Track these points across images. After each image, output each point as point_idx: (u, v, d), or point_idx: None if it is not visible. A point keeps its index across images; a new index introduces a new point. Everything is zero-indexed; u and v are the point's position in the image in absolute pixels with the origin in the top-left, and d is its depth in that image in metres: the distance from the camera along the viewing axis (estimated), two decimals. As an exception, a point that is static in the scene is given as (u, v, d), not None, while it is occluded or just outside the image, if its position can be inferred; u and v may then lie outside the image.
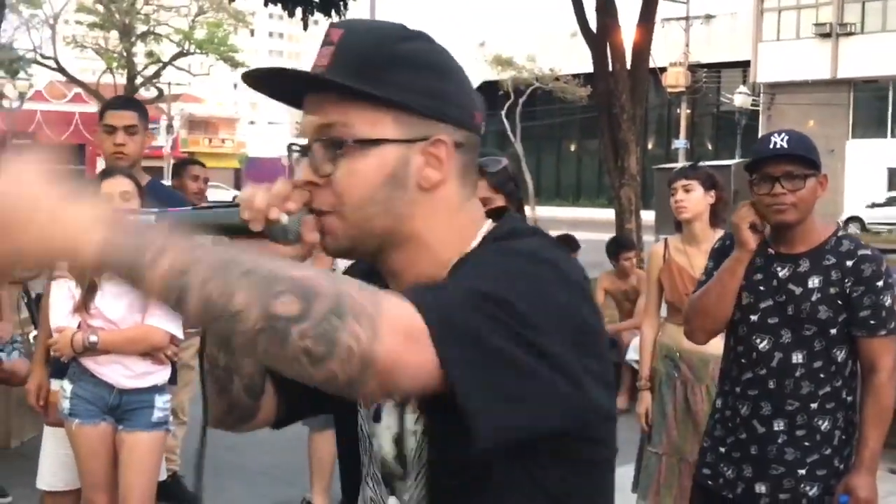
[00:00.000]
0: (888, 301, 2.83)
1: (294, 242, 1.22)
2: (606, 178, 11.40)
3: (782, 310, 2.87)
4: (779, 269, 2.90)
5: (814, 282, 2.85)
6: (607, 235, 8.39)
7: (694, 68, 39.55)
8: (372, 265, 1.28)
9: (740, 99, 36.68)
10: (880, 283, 2.82)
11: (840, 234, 2.93)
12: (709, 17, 41.91)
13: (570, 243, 7.78)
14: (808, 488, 2.86)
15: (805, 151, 2.83)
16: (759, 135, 37.55)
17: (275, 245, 1.21)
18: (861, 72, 35.41)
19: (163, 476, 3.84)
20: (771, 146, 2.83)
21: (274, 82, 1.25)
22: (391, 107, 1.18)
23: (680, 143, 38.40)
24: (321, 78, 1.19)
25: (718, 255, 3.09)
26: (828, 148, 36.41)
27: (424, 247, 1.22)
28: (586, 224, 28.30)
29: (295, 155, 1.25)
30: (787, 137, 2.85)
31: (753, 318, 2.92)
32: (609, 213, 10.28)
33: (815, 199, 2.86)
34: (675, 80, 38.34)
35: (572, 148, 49.05)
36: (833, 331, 2.84)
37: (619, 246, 7.21)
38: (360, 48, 1.19)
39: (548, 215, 39.11)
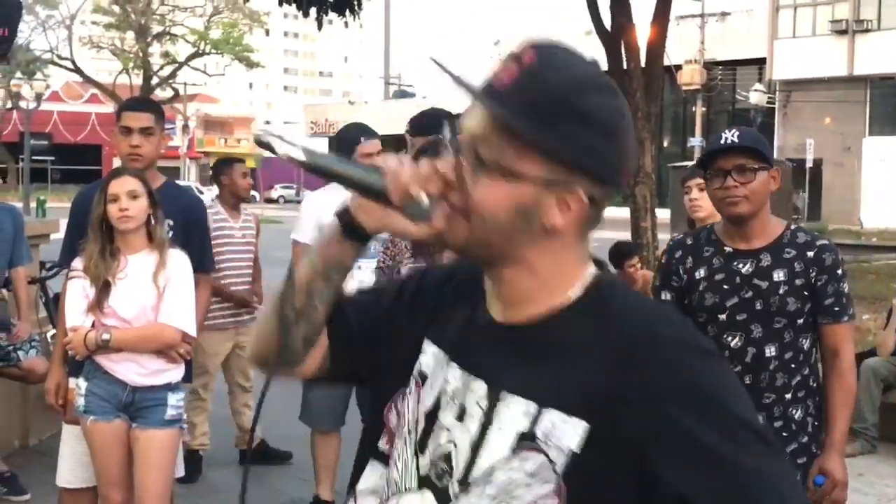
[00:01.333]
0: (846, 288, 2.95)
1: (423, 222, 1.26)
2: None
3: (750, 305, 2.92)
4: (740, 265, 2.95)
5: (779, 275, 2.90)
6: (623, 234, 8.37)
7: (709, 66, 39.40)
8: (471, 270, 1.35)
9: (756, 96, 36.52)
10: (839, 272, 2.93)
11: (793, 227, 3.01)
12: (724, 14, 41.74)
13: (629, 254, 7.48)
14: None
15: (755, 144, 2.91)
16: (776, 132, 37.44)
17: (400, 219, 1.26)
18: (878, 69, 35.18)
19: (180, 473, 3.86)
20: (722, 141, 2.92)
21: (448, 79, 1.28)
22: (546, 150, 1.21)
23: (695, 141, 38.27)
24: (493, 114, 1.21)
25: (665, 273, 3.14)
26: (844, 145, 36.24)
27: (531, 273, 1.27)
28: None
29: (449, 137, 1.30)
30: (737, 133, 2.95)
31: (721, 316, 2.95)
32: (624, 212, 10.25)
33: (768, 192, 2.93)
34: (691, 77, 38.20)
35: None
36: (800, 321, 2.92)
37: (621, 255, 7.18)
38: (544, 85, 1.20)
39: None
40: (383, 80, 62.44)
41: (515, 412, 1.22)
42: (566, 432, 1.18)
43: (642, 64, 10.43)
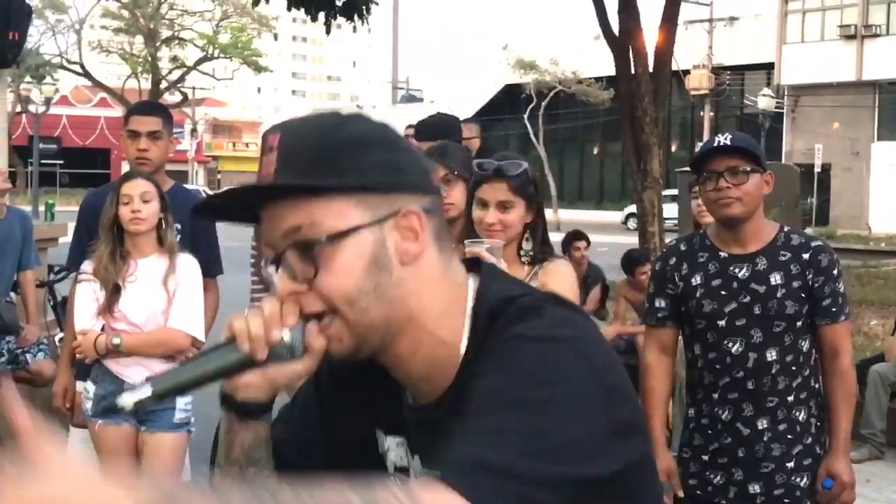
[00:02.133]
0: (842, 288, 2.95)
1: (301, 357, 1.19)
2: (629, 181, 11.37)
3: (749, 310, 2.92)
4: (736, 270, 2.95)
5: (776, 278, 2.90)
6: (630, 239, 8.37)
7: (717, 71, 39.38)
8: (363, 362, 1.23)
9: (764, 101, 36.44)
10: (835, 272, 2.93)
11: (786, 229, 3.01)
12: (732, 19, 41.69)
13: (579, 237, 7.93)
14: (798, 479, 2.93)
15: (747, 146, 2.92)
16: (784, 137, 37.39)
17: (282, 369, 1.19)
18: (886, 74, 35.08)
19: (188, 477, 3.86)
20: (715, 144, 2.93)
21: (228, 206, 1.23)
22: (351, 192, 1.15)
23: (703, 145, 38.21)
24: (274, 186, 1.15)
25: (660, 280, 3.12)
26: (853, 150, 36.15)
27: (422, 327, 1.19)
28: (609, 227, 28.28)
29: (270, 270, 1.20)
30: (729, 136, 2.95)
31: (721, 323, 2.95)
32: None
33: (761, 195, 2.93)
34: (699, 82, 38.17)
35: (595, 151, 48.94)
36: (799, 323, 2.92)
37: (633, 262, 7.24)
38: (302, 145, 1.17)
39: (571, 218, 39.00)
40: (391, 84, 62.50)
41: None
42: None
43: (650, 68, 10.43)
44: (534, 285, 2.79)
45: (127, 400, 1.16)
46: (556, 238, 2.99)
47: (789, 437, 2.92)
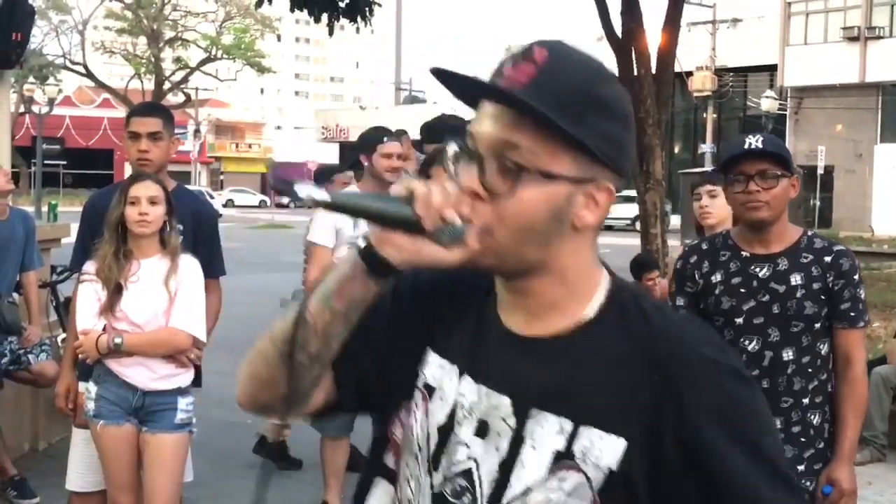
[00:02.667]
0: (863, 294, 2.96)
1: (457, 246, 1.19)
2: (632, 182, 11.37)
3: (767, 309, 2.93)
4: (757, 269, 2.96)
5: (796, 279, 2.92)
6: (634, 240, 8.38)
7: (720, 72, 39.36)
8: (472, 273, 1.27)
9: (767, 103, 36.45)
10: (856, 277, 2.94)
11: (810, 233, 3.02)
12: (735, 20, 41.65)
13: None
14: (807, 483, 2.92)
15: (778, 150, 2.93)
16: (787, 139, 37.34)
17: (432, 247, 1.19)
18: (890, 75, 35.04)
19: (189, 477, 3.87)
20: (746, 146, 2.93)
21: (457, 79, 1.23)
22: (575, 145, 1.18)
23: (706, 147, 38.21)
24: (531, 108, 1.16)
25: (680, 278, 3.14)
26: (856, 152, 36.11)
27: (561, 280, 1.24)
28: (612, 229, 28.16)
29: (455, 151, 1.24)
30: (761, 139, 2.96)
31: (738, 320, 2.96)
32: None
33: (788, 199, 2.95)
34: (702, 84, 38.16)
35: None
36: (817, 325, 2.92)
37: (641, 268, 7.23)
38: (565, 80, 1.18)
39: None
40: (394, 85, 62.52)
41: (549, 430, 1.20)
42: (604, 450, 1.17)
43: (653, 70, 10.43)
44: None
45: (305, 192, 1.20)
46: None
47: (802, 439, 2.92)
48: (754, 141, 2.94)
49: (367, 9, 11.34)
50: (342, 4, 11.24)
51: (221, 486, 5.46)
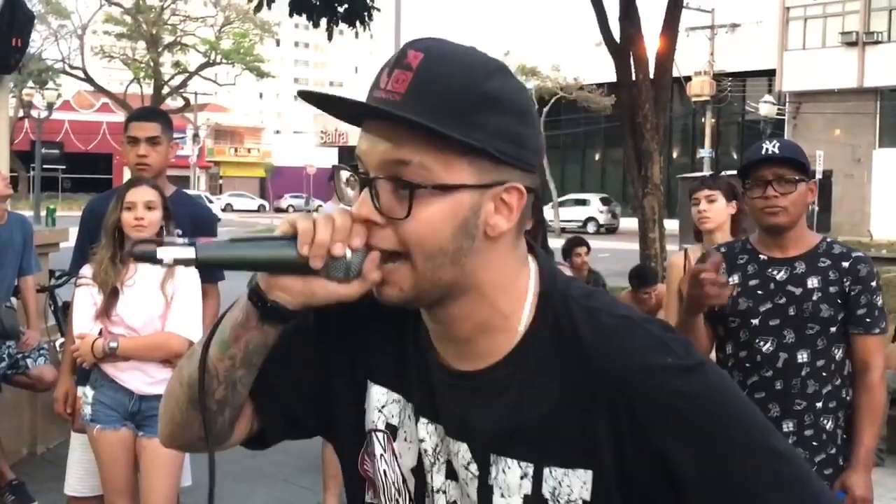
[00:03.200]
0: (880, 301, 2.95)
1: (353, 280, 1.11)
2: (630, 187, 11.38)
3: (783, 311, 2.94)
4: (774, 272, 2.98)
5: (813, 282, 2.93)
6: (632, 245, 8.41)
7: (719, 77, 39.38)
8: (377, 310, 1.20)
9: (766, 108, 36.47)
10: (874, 284, 2.95)
11: (829, 239, 3.05)
12: (734, 25, 41.72)
13: (580, 243, 7.99)
14: None
15: (795, 156, 2.94)
16: (785, 144, 37.32)
17: (327, 285, 1.12)
18: (888, 80, 35.09)
19: (187, 482, 3.86)
20: (763, 151, 2.95)
21: (334, 100, 1.14)
22: (470, 150, 1.09)
23: (705, 152, 38.25)
24: (405, 118, 1.06)
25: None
26: (854, 157, 36.14)
27: (483, 296, 1.15)
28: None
29: (346, 178, 1.17)
30: (778, 144, 2.98)
31: (754, 321, 2.97)
32: (634, 222, 10.26)
33: (806, 204, 2.97)
34: (700, 89, 38.19)
35: (596, 157, 48.93)
36: (833, 329, 2.93)
37: (640, 282, 7.21)
38: (443, 81, 1.08)
39: (573, 225, 38.95)
40: (393, 90, 62.42)
41: (513, 476, 1.15)
42: (573, 485, 1.13)
43: (651, 75, 10.45)
44: None
45: (167, 254, 1.10)
46: (556, 244, 2.98)
47: (814, 443, 2.92)
48: (771, 146, 2.95)
49: (365, 13, 11.34)
50: (341, 9, 11.25)
51: (219, 490, 5.45)
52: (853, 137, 36.22)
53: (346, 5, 11.21)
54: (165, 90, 48.22)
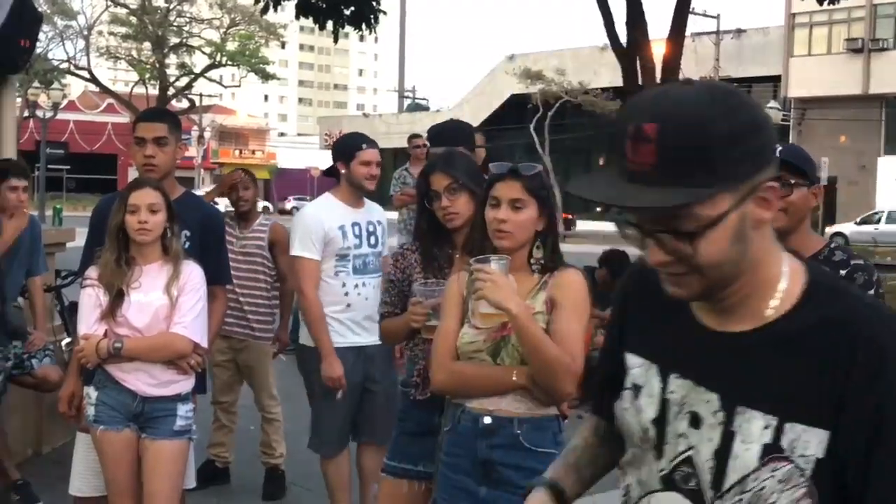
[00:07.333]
0: None
1: None
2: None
3: None
4: None
5: None
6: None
7: (724, 83, 39.35)
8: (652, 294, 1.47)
9: (771, 114, 36.39)
10: (871, 292, 2.89)
11: (833, 245, 3.00)
12: (739, 31, 41.71)
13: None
14: None
15: (794, 159, 2.91)
16: (790, 150, 37.28)
17: None
18: (893, 87, 35.07)
19: (190, 484, 3.86)
20: None
21: (597, 189, 1.39)
22: (725, 185, 1.28)
23: (710, 157, 38.21)
24: (663, 207, 1.28)
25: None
26: (859, 164, 36.10)
27: (753, 273, 1.36)
28: (616, 238, 28.02)
29: (628, 229, 1.37)
30: (779, 147, 2.92)
31: None
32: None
33: (806, 208, 2.93)
34: (705, 94, 38.16)
35: (601, 161, 48.94)
36: None
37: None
38: (681, 143, 1.26)
39: (578, 229, 38.94)
40: (397, 92, 62.58)
41: (757, 426, 1.32)
42: (810, 442, 1.30)
43: (657, 80, 10.44)
44: (543, 295, 2.79)
45: None
46: (566, 249, 2.97)
47: None
48: None
49: (372, 17, 11.36)
50: (347, 12, 11.27)
51: (223, 493, 5.46)
52: (859, 144, 36.20)
53: (352, 8, 11.22)
54: (171, 91, 48.25)
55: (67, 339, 5.73)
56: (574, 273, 2.88)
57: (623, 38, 10.60)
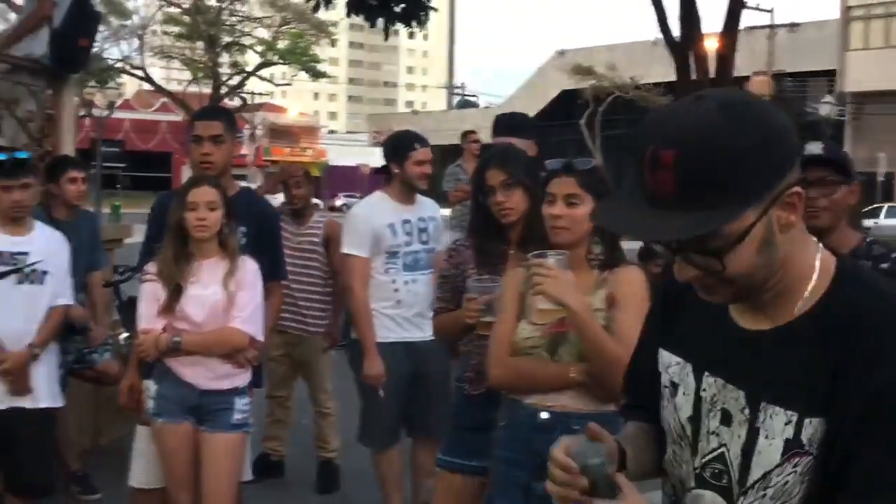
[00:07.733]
0: None
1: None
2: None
3: None
4: None
5: None
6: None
7: (778, 77, 38.82)
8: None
9: (826, 109, 35.88)
10: None
11: (869, 239, 3.00)
12: (794, 25, 41.09)
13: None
14: None
15: (837, 157, 2.94)
16: (846, 145, 36.70)
17: None
18: (953, 81, 34.33)
19: (247, 476, 3.90)
20: (806, 153, 2.90)
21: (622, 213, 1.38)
22: (747, 202, 1.29)
23: (763, 152, 37.69)
24: (687, 240, 1.30)
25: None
26: (918, 159, 35.35)
27: (784, 272, 1.37)
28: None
29: (656, 245, 1.44)
30: (821, 145, 2.96)
31: None
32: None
33: (847, 206, 2.93)
34: (759, 88, 37.65)
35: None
36: None
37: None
38: (699, 169, 1.26)
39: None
40: (447, 89, 62.60)
41: (779, 422, 1.35)
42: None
43: (711, 74, 10.34)
44: (602, 293, 2.77)
45: None
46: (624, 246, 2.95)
47: None
48: (814, 147, 2.94)
49: (421, 14, 11.38)
50: (397, 9, 11.30)
51: (277, 486, 5.50)
52: (917, 139, 35.45)
53: (402, 5, 11.26)
54: (223, 90, 48.74)
55: (125, 334, 5.81)
56: (634, 270, 2.86)
57: (676, 33, 10.51)
